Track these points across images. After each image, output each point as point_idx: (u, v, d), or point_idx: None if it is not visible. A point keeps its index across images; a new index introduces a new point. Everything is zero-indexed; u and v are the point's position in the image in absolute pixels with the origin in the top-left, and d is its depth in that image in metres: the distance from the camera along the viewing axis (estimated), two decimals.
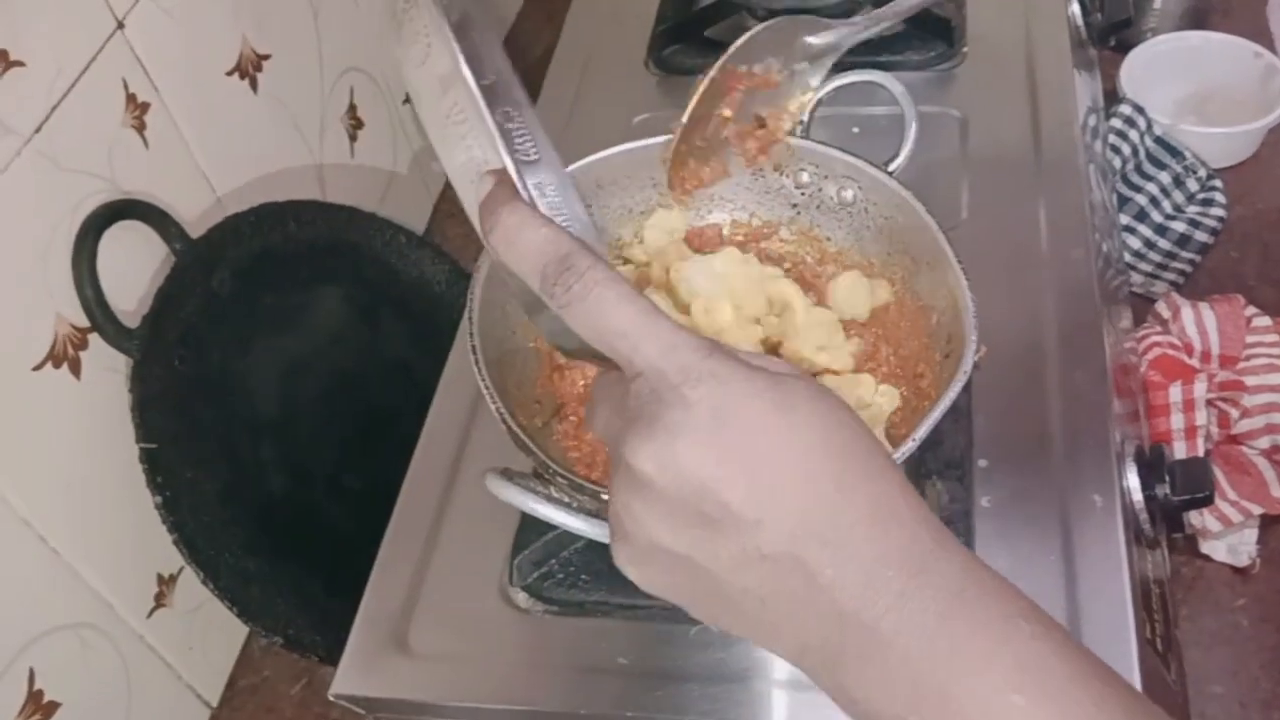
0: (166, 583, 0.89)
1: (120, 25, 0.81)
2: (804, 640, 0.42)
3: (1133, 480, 0.74)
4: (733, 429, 0.41)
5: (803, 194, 0.79)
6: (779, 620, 0.42)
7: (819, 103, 0.78)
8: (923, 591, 0.40)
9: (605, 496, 0.61)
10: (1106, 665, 0.42)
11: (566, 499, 0.62)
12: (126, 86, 0.82)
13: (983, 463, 0.75)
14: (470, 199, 0.48)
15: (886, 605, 0.40)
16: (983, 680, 0.40)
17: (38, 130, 0.74)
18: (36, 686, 0.77)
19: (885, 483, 0.42)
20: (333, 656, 0.74)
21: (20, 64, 0.72)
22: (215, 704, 0.96)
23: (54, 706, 0.79)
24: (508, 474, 0.61)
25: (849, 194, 0.77)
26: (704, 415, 0.41)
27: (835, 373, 0.71)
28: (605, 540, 0.61)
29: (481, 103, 0.46)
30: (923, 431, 0.61)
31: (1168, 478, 0.74)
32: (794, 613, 0.42)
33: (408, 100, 1.24)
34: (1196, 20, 1.29)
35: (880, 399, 0.70)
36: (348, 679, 0.72)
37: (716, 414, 0.41)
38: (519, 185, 0.46)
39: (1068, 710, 0.39)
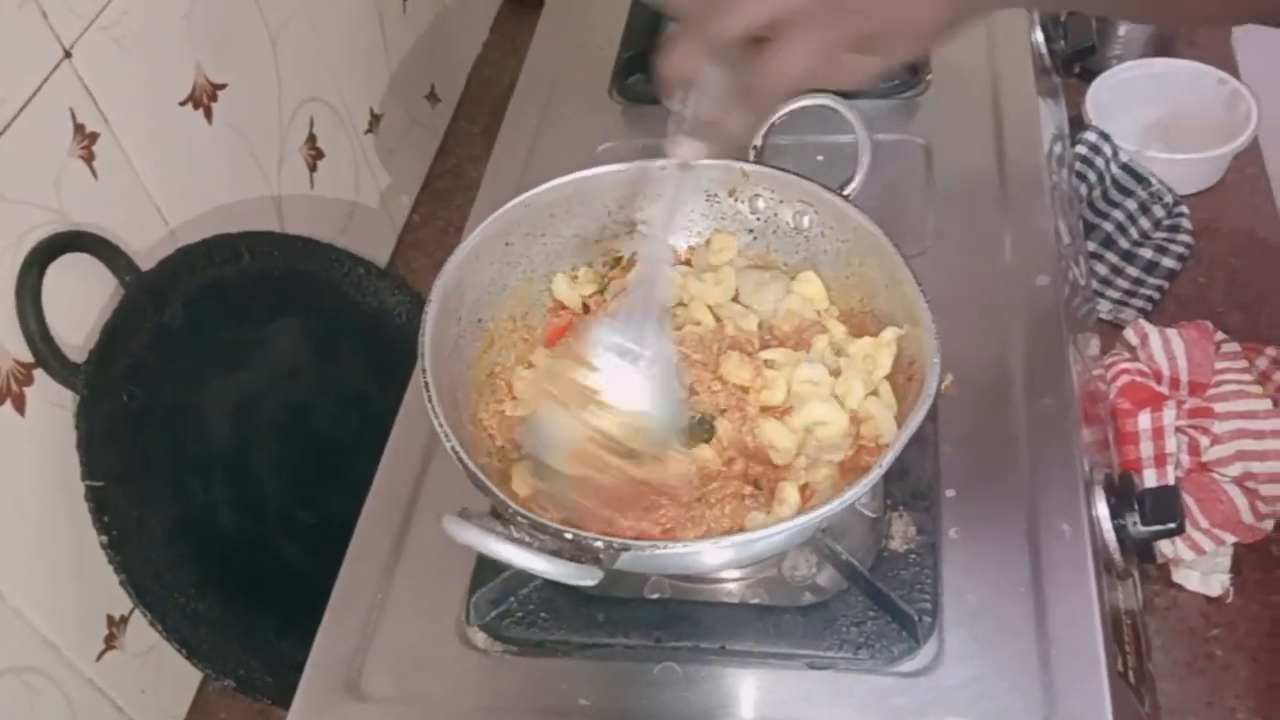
0: (117, 624, 0.87)
1: (67, 54, 0.79)
2: None
3: (1102, 509, 0.73)
4: None
5: (758, 219, 0.78)
6: None
7: (771, 129, 0.77)
8: None
9: (568, 535, 0.60)
10: None
11: (527, 539, 0.60)
12: (74, 116, 0.80)
13: (950, 493, 0.73)
14: None
15: None
16: None
17: None
18: None
19: None
20: (286, 700, 0.71)
21: None
22: None
23: None
24: (466, 514, 0.59)
25: (805, 219, 0.76)
26: None
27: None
28: (569, 580, 0.59)
29: None
30: (890, 457, 0.60)
31: (1137, 507, 0.73)
32: None
33: (370, 130, 1.23)
34: (1161, 47, 1.29)
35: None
36: None
37: None
38: None
39: None
